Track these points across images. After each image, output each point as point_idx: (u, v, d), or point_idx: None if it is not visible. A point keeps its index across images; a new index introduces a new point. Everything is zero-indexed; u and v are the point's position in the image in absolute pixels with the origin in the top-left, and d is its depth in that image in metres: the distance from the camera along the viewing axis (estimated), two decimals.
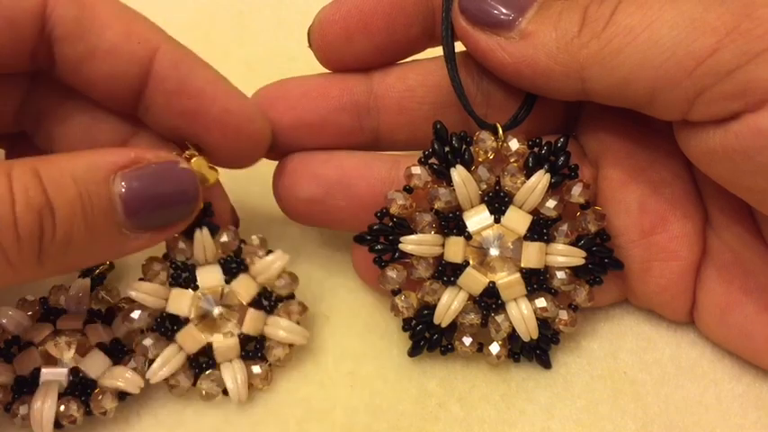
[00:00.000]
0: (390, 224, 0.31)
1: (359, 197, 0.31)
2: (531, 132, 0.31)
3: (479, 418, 0.31)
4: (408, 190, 0.31)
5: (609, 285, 0.32)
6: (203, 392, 0.31)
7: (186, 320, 0.31)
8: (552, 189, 0.30)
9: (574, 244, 0.31)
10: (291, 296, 0.32)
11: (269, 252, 0.32)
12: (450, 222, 0.31)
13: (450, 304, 0.30)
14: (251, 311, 0.31)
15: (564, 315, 0.31)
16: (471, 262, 0.31)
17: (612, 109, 0.29)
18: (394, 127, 0.32)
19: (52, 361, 0.31)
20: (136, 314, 0.31)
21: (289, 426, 0.31)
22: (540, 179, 0.30)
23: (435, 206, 0.31)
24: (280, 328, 0.31)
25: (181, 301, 0.31)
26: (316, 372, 0.32)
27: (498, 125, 0.30)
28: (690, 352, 0.32)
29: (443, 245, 0.31)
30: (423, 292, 0.31)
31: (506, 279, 0.30)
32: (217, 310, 0.31)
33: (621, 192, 0.31)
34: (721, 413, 0.30)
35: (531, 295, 0.31)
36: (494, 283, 0.30)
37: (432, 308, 0.31)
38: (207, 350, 0.31)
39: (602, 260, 0.31)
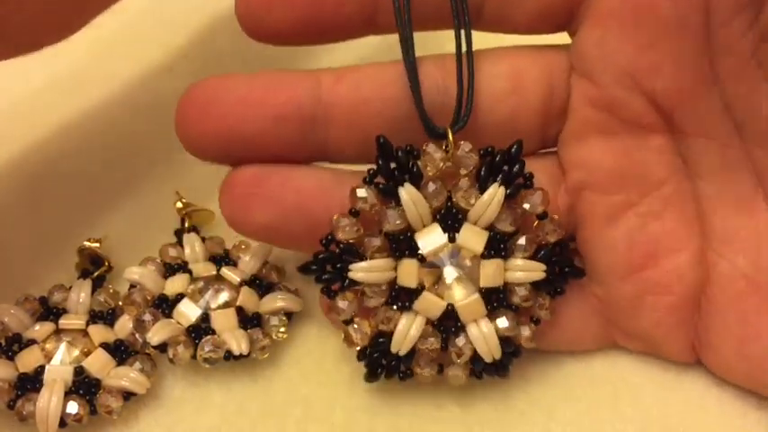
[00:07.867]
0: (337, 250, 0.28)
1: (318, 224, 0.28)
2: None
3: (478, 419, 0.30)
4: (354, 213, 0.28)
5: (590, 326, 0.31)
6: None
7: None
8: (507, 199, 0.28)
9: (533, 256, 0.29)
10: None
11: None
12: (402, 244, 0.29)
13: (407, 331, 0.29)
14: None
15: (526, 331, 0.29)
16: (426, 284, 0.29)
17: (602, 129, 0.28)
18: (344, 142, 0.29)
19: (55, 360, 0.30)
20: None
21: (288, 426, 0.30)
22: (495, 194, 0.28)
23: (385, 229, 0.28)
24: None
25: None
26: (315, 372, 0.32)
27: (449, 129, 0.28)
28: None
29: (396, 268, 0.29)
30: (377, 321, 0.29)
31: (465, 301, 0.28)
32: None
33: (607, 229, 0.29)
34: (722, 414, 0.30)
35: (491, 314, 0.29)
36: (452, 305, 0.29)
37: (387, 335, 0.29)
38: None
39: (562, 270, 0.29)
